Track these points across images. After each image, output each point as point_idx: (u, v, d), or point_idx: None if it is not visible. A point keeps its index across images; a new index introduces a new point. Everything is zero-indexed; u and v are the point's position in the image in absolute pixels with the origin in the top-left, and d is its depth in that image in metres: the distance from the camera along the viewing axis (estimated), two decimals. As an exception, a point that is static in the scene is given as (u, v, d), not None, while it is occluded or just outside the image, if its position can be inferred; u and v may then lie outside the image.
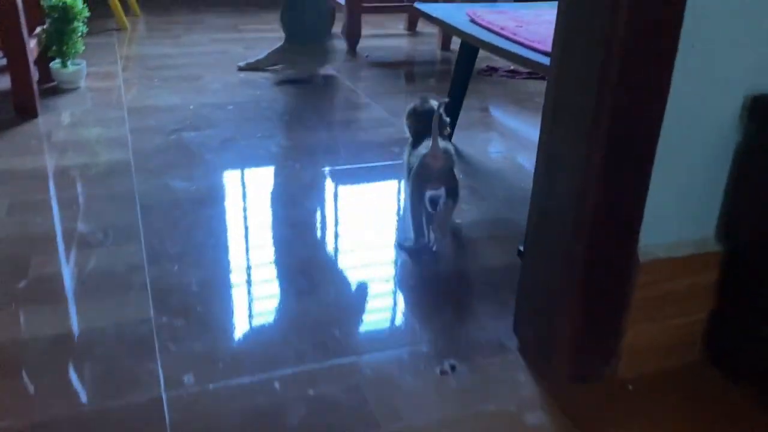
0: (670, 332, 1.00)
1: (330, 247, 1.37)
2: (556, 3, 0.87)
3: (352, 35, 2.85)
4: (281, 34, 2.59)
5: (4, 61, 1.98)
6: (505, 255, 1.33)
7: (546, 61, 1.20)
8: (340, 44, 2.56)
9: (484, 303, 1.17)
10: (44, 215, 1.43)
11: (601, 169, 0.84)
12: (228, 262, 1.29)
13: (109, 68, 2.51)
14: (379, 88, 2.45)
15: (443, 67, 2.85)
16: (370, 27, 3.17)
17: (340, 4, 2.89)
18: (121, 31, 3.10)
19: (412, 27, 3.32)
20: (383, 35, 3.26)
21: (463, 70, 1.85)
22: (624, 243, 0.90)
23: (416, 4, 1.71)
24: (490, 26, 1.53)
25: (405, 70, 2.76)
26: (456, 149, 1.87)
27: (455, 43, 2.95)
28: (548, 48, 1.35)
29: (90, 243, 1.33)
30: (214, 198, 1.54)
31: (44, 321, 1.09)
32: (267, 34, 2.46)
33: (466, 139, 1.93)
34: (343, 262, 1.31)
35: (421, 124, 1.38)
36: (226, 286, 1.21)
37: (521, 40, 1.41)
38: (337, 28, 3.17)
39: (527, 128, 2.12)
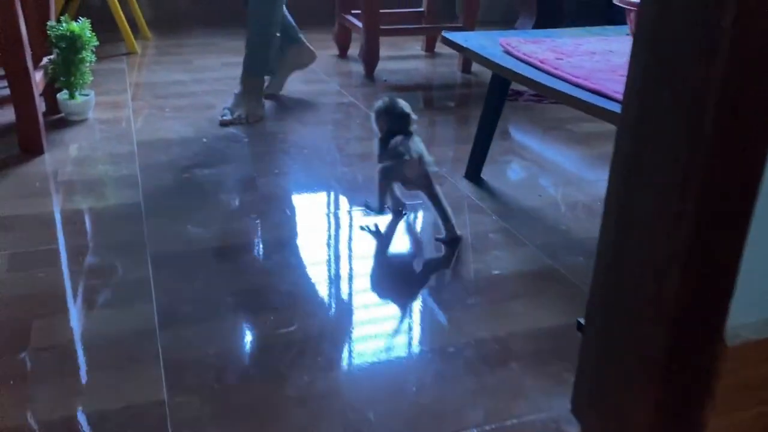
0: (755, 421, 0.87)
1: (356, 309, 1.26)
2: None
3: (370, 59, 2.74)
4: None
5: (7, 91, 1.87)
6: (552, 315, 1.21)
7: (613, 107, 1.08)
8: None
9: (534, 376, 1.05)
10: (48, 268, 1.32)
11: (688, 248, 0.72)
12: (247, 328, 1.17)
13: (118, 97, 2.41)
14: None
15: (464, 91, 2.74)
16: (387, 48, 3.06)
17: (357, 26, 2.79)
18: (131, 56, 3.01)
19: (430, 48, 3.21)
20: (401, 57, 3.15)
21: (494, 102, 1.74)
22: (710, 326, 0.78)
23: (444, 34, 1.60)
24: (527, 59, 1.41)
25: (424, 95, 2.65)
26: (485, 184, 1.75)
27: (476, 64, 2.83)
28: (594, 85, 1.24)
29: (97, 302, 1.22)
30: (230, 247, 1.43)
31: (47, 402, 0.98)
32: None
33: (495, 173, 1.82)
34: (374, 329, 1.20)
35: (392, 125, 1.50)
36: (245, 359, 1.09)
37: (565, 75, 1.29)
38: (354, 49, 3.07)
39: (560, 158, 2.00)
